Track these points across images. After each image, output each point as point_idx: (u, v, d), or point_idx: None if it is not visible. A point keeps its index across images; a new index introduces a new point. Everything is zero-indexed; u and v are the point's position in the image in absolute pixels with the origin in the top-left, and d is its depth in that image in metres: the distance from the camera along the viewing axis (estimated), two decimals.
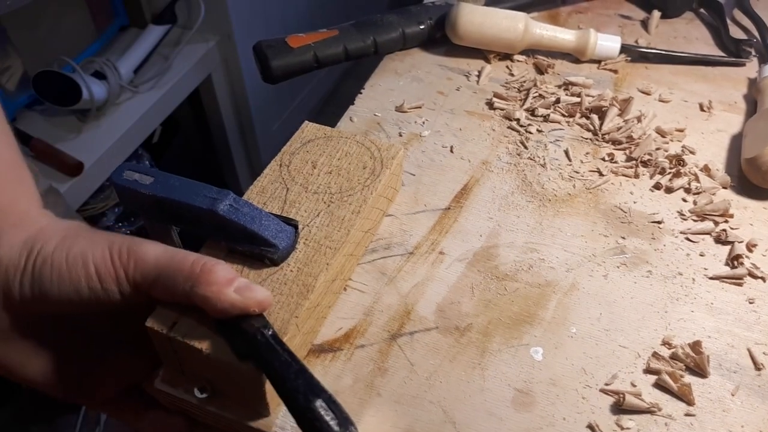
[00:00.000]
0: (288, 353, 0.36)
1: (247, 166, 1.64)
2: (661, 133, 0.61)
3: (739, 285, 0.50)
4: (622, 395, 0.42)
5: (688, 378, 0.44)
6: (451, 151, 0.60)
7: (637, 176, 0.58)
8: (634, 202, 0.56)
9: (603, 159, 0.59)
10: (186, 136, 1.52)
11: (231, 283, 0.36)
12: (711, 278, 0.50)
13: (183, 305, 0.40)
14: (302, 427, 0.33)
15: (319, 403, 0.33)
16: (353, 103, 0.65)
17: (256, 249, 0.42)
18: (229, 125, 1.51)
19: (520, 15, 0.68)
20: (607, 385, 0.43)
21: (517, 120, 0.63)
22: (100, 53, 1.16)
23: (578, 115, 0.63)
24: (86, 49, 1.16)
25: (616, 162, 0.59)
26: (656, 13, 0.77)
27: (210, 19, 1.29)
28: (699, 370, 0.44)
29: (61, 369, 0.41)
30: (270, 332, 0.37)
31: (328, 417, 0.32)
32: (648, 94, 0.67)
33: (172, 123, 1.41)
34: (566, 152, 0.60)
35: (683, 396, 0.43)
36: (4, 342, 0.39)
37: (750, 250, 0.52)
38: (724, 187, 0.57)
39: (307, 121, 0.54)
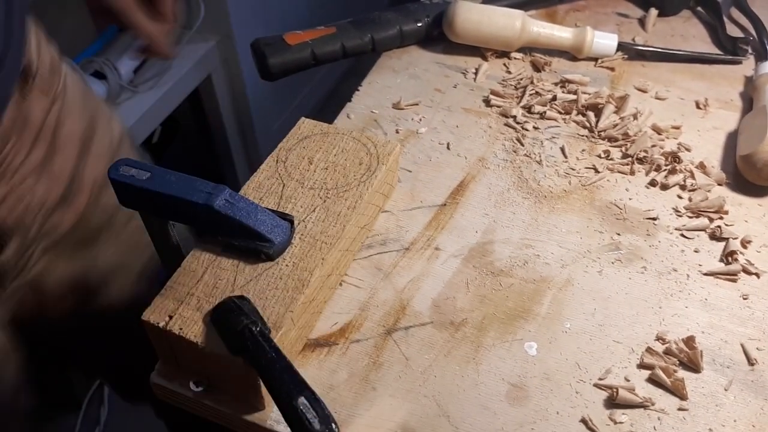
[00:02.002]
0: (274, 350, 0.36)
1: (246, 166, 1.64)
2: (657, 130, 0.62)
3: (734, 281, 0.50)
4: (615, 390, 0.42)
5: (682, 373, 0.44)
6: (448, 148, 0.60)
7: (632, 173, 0.58)
8: (630, 199, 0.56)
9: (599, 156, 0.60)
10: (186, 136, 1.53)
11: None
12: (705, 274, 0.50)
13: (179, 299, 0.41)
14: (288, 423, 0.34)
15: (302, 401, 0.33)
16: (350, 100, 0.65)
17: (251, 244, 0.42)
18: (229, 125, 1.51)
19: (518, 13, 0.68)
20: (600, 379, 0.44)
21: (514, 117, 0.63)
22: (100, 53, 1.16)
23: (574, 112, 0.63)
24: (86, 49, 1.16)
25: (611, 159, 0.59)
26: (653, 11, 0.77)
27: (210, 19, 1.29)
28: (692, 365, 0.44)
29: None
30: (257, 329, 0.37)
31: (310, 415, 0.33)
32: (644, 91, 0.67)
33: (172, 123, 1.42)
34: (562, 149, 0.60)
35: (676, 391, 0.43)
36: None
37: (744, 247, 0.52)
38: (720, 184, 0.57)
39: (303, 118, 0.54)
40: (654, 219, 0.54)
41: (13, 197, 0.48)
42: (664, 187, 0.57)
